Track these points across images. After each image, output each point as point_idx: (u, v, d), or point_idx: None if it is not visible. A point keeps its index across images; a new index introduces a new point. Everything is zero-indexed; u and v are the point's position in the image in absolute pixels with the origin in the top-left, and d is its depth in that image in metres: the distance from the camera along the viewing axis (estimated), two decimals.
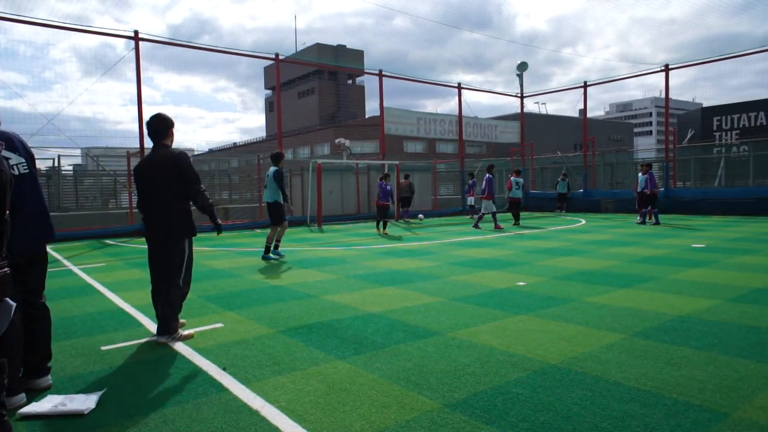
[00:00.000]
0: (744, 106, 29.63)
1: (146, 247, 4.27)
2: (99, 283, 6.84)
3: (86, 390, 3.13)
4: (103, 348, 4.00)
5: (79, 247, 11.54)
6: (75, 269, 8.22)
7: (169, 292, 4.11)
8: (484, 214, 14.49)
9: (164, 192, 4.10)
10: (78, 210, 18.09)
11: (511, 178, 15.74)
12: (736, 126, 29.73)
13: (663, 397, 2.84)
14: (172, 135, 4.30)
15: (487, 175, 14.38)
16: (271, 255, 8.82)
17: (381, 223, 13.97)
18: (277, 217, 8.83)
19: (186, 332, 4.24)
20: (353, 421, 2.64)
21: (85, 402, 2.90)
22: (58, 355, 3.76)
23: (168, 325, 4.11)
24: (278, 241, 9.03)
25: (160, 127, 4.22)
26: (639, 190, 14.93)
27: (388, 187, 14.22)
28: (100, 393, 3.04)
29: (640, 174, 15.23)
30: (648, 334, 4.02)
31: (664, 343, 3.77)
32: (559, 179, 22.27)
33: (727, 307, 4.80)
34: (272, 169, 8.84)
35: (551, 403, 2.80)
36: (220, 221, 4.44)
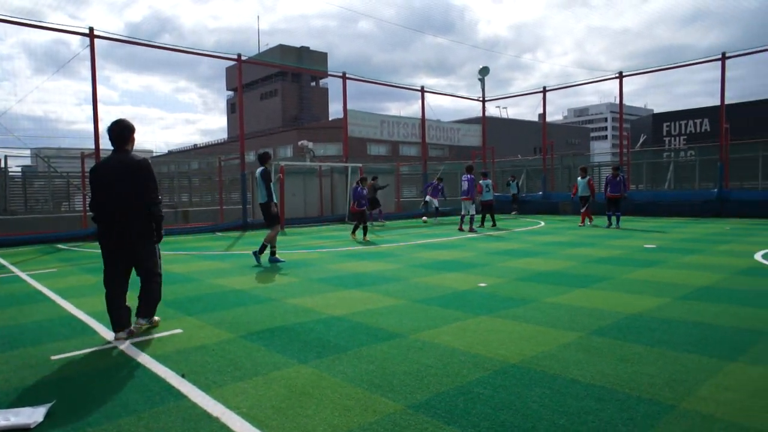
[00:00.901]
0: (691, 113, 31.12)
1: (101, 250, 4.25)
2: (49, 290, 6.55)
3: (34, 403, 2.99)
4: (53, 357, 3.83)
5: (28, 252, 11.02)
6: (23, 275, 7.85)
7: (151, 284, 4.45)
8: (464, 216, 14.10)
9: (130, 196, 4.18)
10: (27, 213, 17.29)
11: (480, 181, 15.19)
12: (683, 132, 31.18)
13: (617, 393, 2.94)
14: (133, 140, 4.43)
15: (469, 175, 13.83)
16: (278, 257, 8.66)
17: (360, 229, 12.50)
18: (269, 217, 8.56)
19: (156, 318, 4.62)
20: (316, 426, 2.63)
21: (31, 415, 2.77)
22: (3, 366, 3.59)
23: (153, 308, 4.48)
24: (265, 242, 8.66)
25: (125, 132, 4.32)
26: (580, 194, 15.34)
27: (364, 191, 13.17)
28: (48, 405, 2.91)
29: (579, 178, 15.68)
30: (603, 332, 4.17)
31: (618, 341, 3.91)
32: (509, 180, 22.91)
33: (676, 305, 5.03)
34: (260, 168, 8.56)
35: (511, 402, 2.86)
36: (162, 233, 4.49)
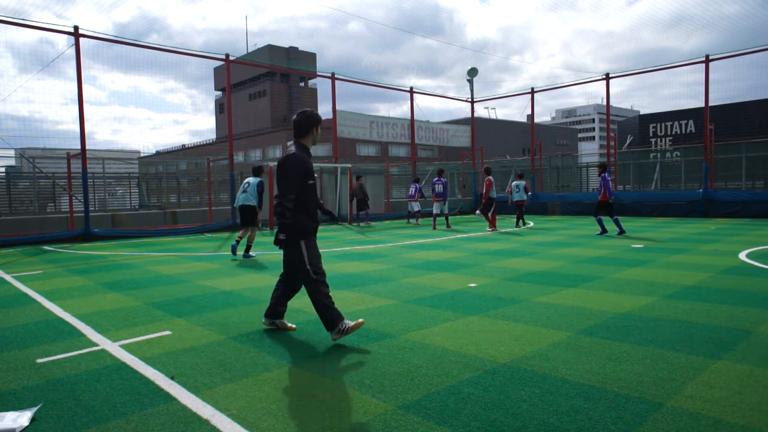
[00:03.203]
0: (676, 115, 31.51)
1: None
2: (35, 292, 6.46)
3: (19, 407, 2.95)
4: (39, 361, 3.78)
5: (13, 254, 10.86)
6: (7, 277, 7.73)
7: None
8: (437, 215, 15.20)
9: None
10: (12, 214, 17.03)
11: (513, 183, 15.62)
12: (669, 133, 31.57)
13: (605, 391, 2.97)
14: (313, 134, 4.25)
15: (442, 179, 15.15)
16: (251, 254, 9.51)
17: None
18: (253, 219, 9.63)
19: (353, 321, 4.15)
20: (306, 427, 2.62)
21: (16, 420, 2.73)
22: None
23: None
24: (249, 242, 9.57)
25: (303, 123, 4.17)
26: (515, 199, 15.04)
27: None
28: (34, 409, 2.87)
29: (517, 181, 15.23)
30: (592, 331, 4.20)
31: (606, 340, 3.95)
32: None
33: (663, 304, 5.09)
34: (256, 179, 9.76)
35: (502, 402, 2.87)
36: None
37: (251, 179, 9.79)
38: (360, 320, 4.12)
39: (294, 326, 4.52)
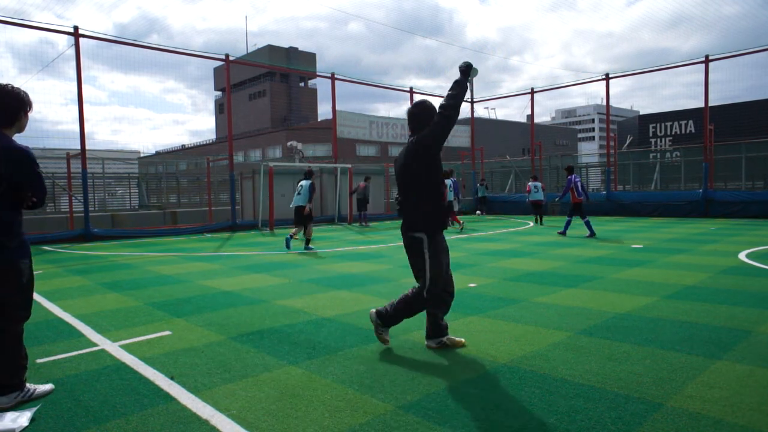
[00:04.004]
0: (676, 115, 31.54)
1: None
2: (35, 292, 6.45)
3: (18, 407, 2.95)
4: (39, 361, 3.78)
5: None
6: None
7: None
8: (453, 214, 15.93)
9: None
10: None
11: (530, 183, 16.87)
12: (669, 133, 31.60)
13: (605, 392, 2.97)
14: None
15: (452, 179, 16.04)
16: (311, 247, 10.61)
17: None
18: (306, 217, 10.64)
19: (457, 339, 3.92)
20: (306, 427, 2.62)
21: (16, 420, 2.73)
22: None
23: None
24: (307, 237, 10.70)
25: (423, 115, 3.78)
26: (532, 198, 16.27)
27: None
28: (33, 409, 2.87)
29: (533, 182, 16.62)
30: (592, 331, 4.20)
31: (606, 340, 3.95)
32: (478, 185, 23.20)
33: (663, 304, 5.09)
34: (307, 182, 10.82)
35: (501, 402, 2.87)
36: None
37: (304, 182, 10.88)
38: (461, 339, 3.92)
39: (463, 340, 3.95)
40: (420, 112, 3.77)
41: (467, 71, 3.73)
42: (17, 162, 2.92)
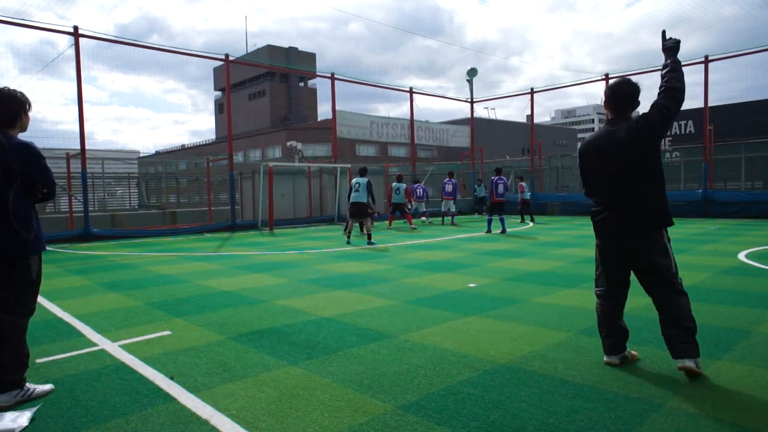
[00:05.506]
0: None
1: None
2: None
3: (18, 407, 2.95)
4: (39, 361, 3.77)
5: None
6: None
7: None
8: (451, 214, 17.12)
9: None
10: None
11: (522, 183, 17.92)
12: (669, 133, 31.57)
13: (605, 392, 2.97)
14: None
15: (452, 180, 17.36)
16: (373, 241, 11.19)
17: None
18: (365, 213, 11.45)
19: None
20: (306, 427, 2.62)
21: (16, 420, 2.72)
22: None
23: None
24: (368, 232, 11.39)
25: (637, 96, 3.39)
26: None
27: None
28: (33, 409, 2.87)
29: (523, 182, 17.71)
30: (592, 331, 4.20)
31: None
32: (475, 185, 23.21)
33: None
34: (363, 179, 11.59)
35: (501, 402, 2.87)
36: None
37: (360, 179, 11.54)
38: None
39: (636, 353, 3.55)
40: (637, 93, 3.33)
41: (676, 47, 3.27)
42: (25, 155, 3.04)
